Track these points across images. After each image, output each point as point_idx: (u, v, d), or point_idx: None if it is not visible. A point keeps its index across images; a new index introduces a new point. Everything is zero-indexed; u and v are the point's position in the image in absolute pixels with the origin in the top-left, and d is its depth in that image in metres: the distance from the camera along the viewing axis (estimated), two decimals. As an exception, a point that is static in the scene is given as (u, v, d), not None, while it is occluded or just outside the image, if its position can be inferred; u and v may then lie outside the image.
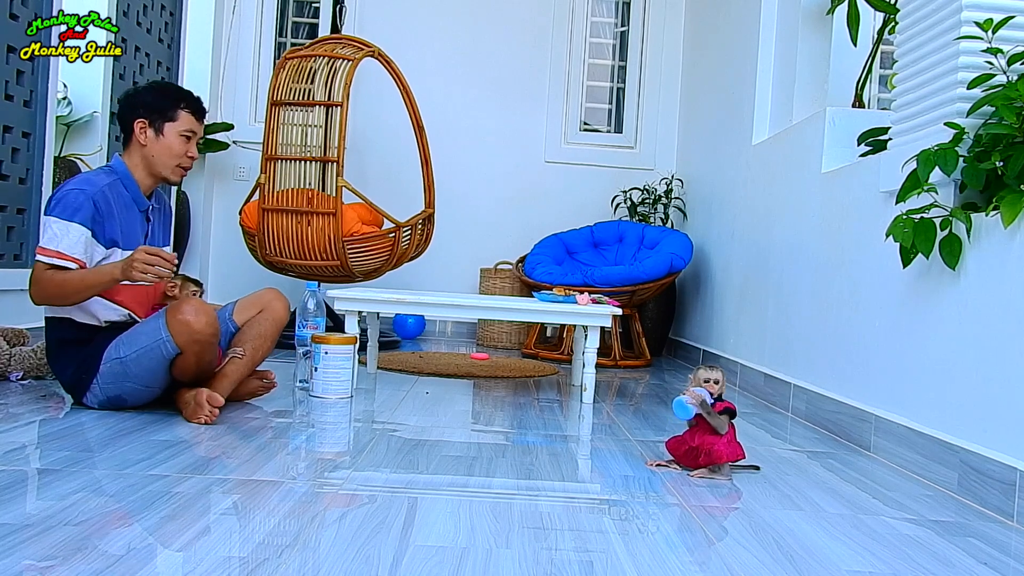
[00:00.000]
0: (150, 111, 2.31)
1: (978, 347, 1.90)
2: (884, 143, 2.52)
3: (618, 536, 1.47)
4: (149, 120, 2.31)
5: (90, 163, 3.70)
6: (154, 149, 2.32)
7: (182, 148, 2.35)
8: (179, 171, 2.38)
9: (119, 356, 2.17)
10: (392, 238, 3.86)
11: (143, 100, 2.33)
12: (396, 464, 1.89)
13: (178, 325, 2.13)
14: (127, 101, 2.36)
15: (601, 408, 2.87)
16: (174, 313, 2.14)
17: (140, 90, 2.40)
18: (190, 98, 2.38)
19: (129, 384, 2.19)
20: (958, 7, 2.04)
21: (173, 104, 2.33)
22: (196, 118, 2.38)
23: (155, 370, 2.18)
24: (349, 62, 3.78)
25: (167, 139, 2.32)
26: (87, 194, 2.20)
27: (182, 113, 2.34)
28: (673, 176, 5.02)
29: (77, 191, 2.20)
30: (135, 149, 2.34)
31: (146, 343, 2.16)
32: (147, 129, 2.31)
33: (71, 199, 2.18)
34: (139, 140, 2.32)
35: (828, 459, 2.24)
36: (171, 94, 2.37)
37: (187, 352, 2.16)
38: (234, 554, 1.25)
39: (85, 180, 2.26)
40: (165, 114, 2.32)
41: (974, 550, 1.52)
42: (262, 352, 2.43)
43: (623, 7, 5.41)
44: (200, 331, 2.13)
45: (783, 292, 3.16)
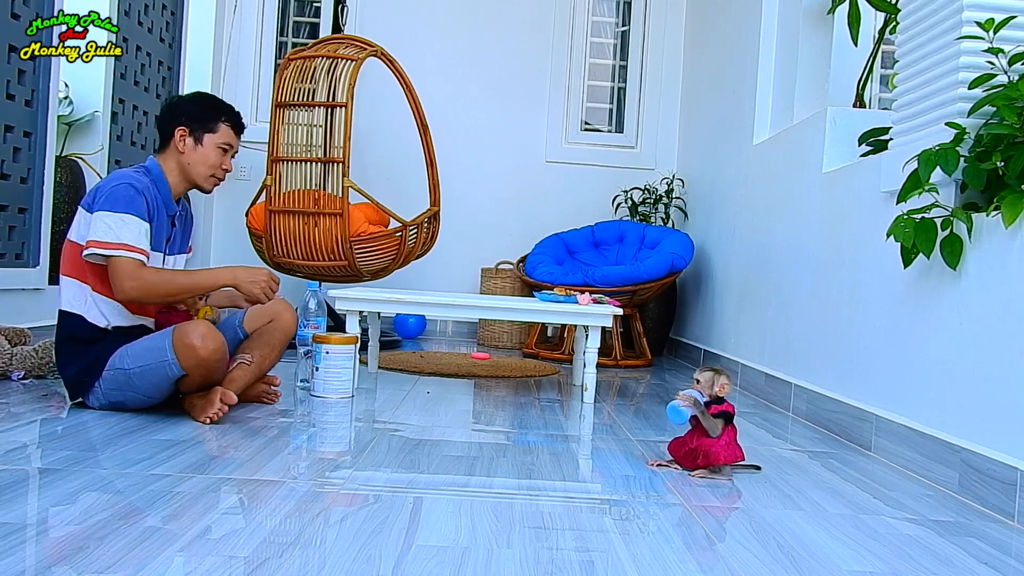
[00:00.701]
0: (192, 120, 2.35)
1: (979, 347, 1.90)
2: (885, 143, 2.52)
3: (619, 536, 1.47)
4: (190, 129, 2.35)
5: (91, 162, 3.70)
6: (191, 157, 2.35)
7: (218, 160, 2.38)
8: (212, 181, 2.41)
9: (123, 367, 2.16)
10: (399, 237, 3.86)
11: (186, 109, 2.37)
12: (397, 464, 1.89)
13: (185, 350, 2.11)
14: (171, 108, 2.39)
15: (602, 408, 2.87)
16: (182, 337, 2.12)
17: (184, 98, 2.44)
18: (231, 112, 2.42)
19: (131, 394, 2.19)
20: (959, 7, 2.04)
21: (215, 116, 2.37)
22: (235, 132, 2.42)
23: (159, 386, 2.17)
24: (352, 62, 3.78)
25: (205, 149, 2.36)
26: (136, 188, 2.20)
27: (222, 126, 2.38)
28: (674, 176, 5.02)
29: (126, 185, 2.20)
30: (172, 154, 2.36)
31: (151, 361, 2.14)
32: (187, 137, 2.34)
33: (124, 193, 2.18)
34: (177, 147, 2.34)
35: (829, 459, 2.24)
36: (214, 106, 2.40)
37: (192, 375, 2.16)
38: (236, 553, 1.25)
39: (128, 176, 2.24)
40: (206, 125, 2.36)
41: (975, 550, 1.52)
42: (269, 361, 2.45)
43: (624, 6, 5.41)
44: (206, 358, 2.12)
45: (784, 292, 3.16)
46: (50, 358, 2.65)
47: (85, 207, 2.22)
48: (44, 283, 3.33)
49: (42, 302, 3.33)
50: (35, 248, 3.28)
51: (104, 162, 3.80)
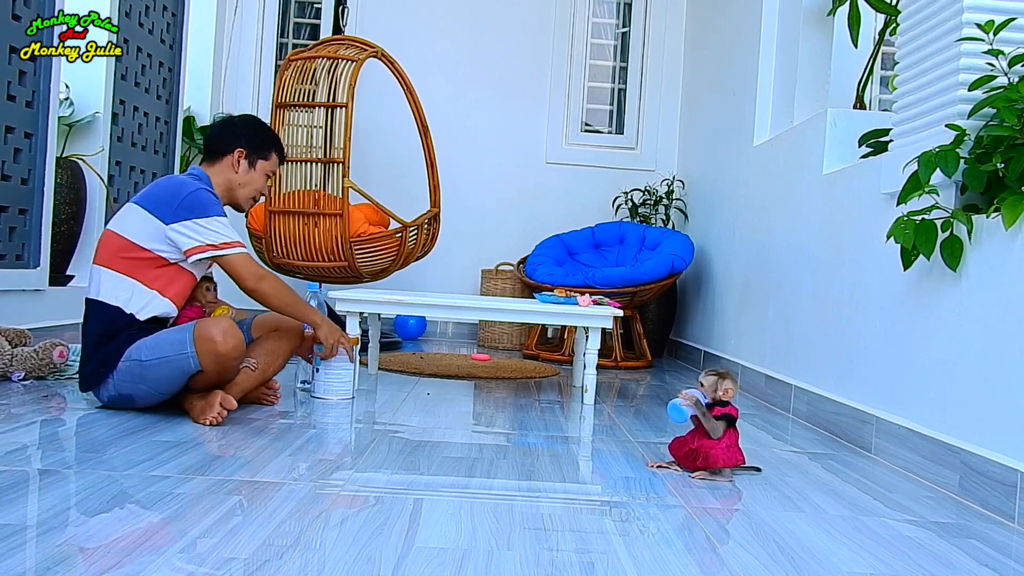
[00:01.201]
0: (251, 144, 2.47)
1: (979, 348, 1.90)
2: (885, 144, 2.52)
3: (619, 537, 1.47)
4: (247, 152, 2.46)
5: (92, 163, 3.70)
6: (243, 179, 2.47)
7: (263, 185, 2.53)
8: (251, 203, 2.55)
9: (139, 358, 2.17)
10: (399, 238, 3.86)
11: (246, 133, 2.48)
12: (398, 465, 1.89)
13: (206, 344, 2.14)
14: (231, 128, 2.49)
15: (602, 409, 2.87)
16: (203, 331, 2.15)
17: (241, 121, 2.56)
18: (279, 143, 2.59)
19: (143, 387, 2.20)
20: (959, 9, 2.04)
21: (270, 145, 2.52)
22: (280, 162, 2.60)
23: (172, 380, 2.19)
24: (353, 63, 3.78)
25: (256, 174, 2.49)
26: (208, 192, 2.32)
27: (274, 155, 2.54)
28: (674, 177, 5.02)
29: (201, 190, 2.29)
30: (222, 170, 2.44)
31: (169, 353, 2.16)
32: (243, 159, 2.46)
33: (204, 197, 2.29)
34: (233, 166, 2.44)
35: (829, 460, 2.24)
36: (270, 136, 2.54)
37: (208, 371, 2.17)
38: (236, 555, 1.25)
39: (198, 180, 2.35)
40: (262, 152, 2.49)
41: (975, 551, 1.52)
42: (273, 368, 2.47)
43: (624, 8, 5.41)
44: (226, 354, 2.16)
45: (784, 294, 3.16)
46: (50, 359, 2.65)
47: (149, 209, 2.26)
48: (45, 284, 3.33)
49: (43, 303, 3.33)
50: (35, 249, 3.27)
51: (104, 163, 3.79)
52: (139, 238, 2.25)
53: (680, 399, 1.93)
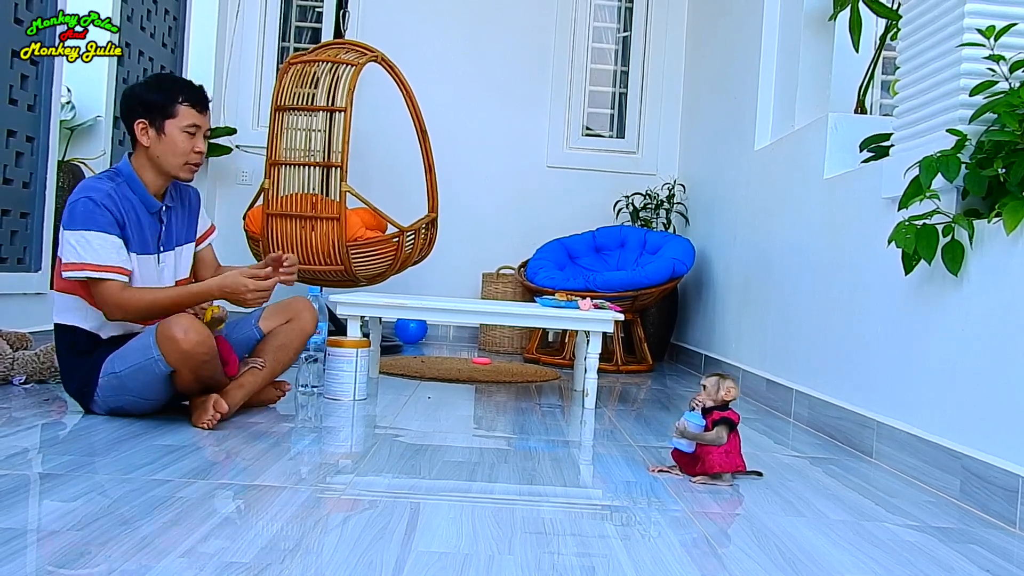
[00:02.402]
0: (149, 109, 2.19)
1: (980, 353, 1.90)
2: (886, 149, 2.52)
3: (620, 542, 1.47)
4: (149, 120, 2.19)
5: (94, 167, 3.70)
6: (157, 149, 2.20)
7: (187, 145, 2.21)
8: (188, 168, 2.25)
9: (115, 371, 2.13)
10: (396, 243, 3.86)
11: (140, 98, 2.21)
12: (398, 469, 1.89)
13: (167, 343, 2.05)
14: (125, 101, 2.25)
15: (603, 413, 2.87)
16: (163, 330, 2.06)
17: (136, 88, 2.27)
18: (189, 89, 2.23)
19: (128, 397, 2.17)
20: (960, 14, 2.05)
21: (171, 99, 2.19)
22: (198, 110, 2.23)
23: (151, 385, 2.13)
24: (353, 67, 3.79)
25: (170, 137, 2.19)
26: (94, 200, 2.11)
27: (182, 108, 2.20)
28: (675, 181, 5.02)
29: (84, 200, 2.12)
30: (140, 150, 2.23)
31: (138, 360, 2.10)
32: (148, 129, 2.20)
33: (82, 209, 2.10)
34: (141, 142, 2.21)
35: (830, 465, 2.24)
36: (168, 88, 2.22)
37: (181, 370, 2.10)
38: (237, 559, 1.25)
39: (88, 188, 2.16)
40: (165, 111, 2.19)
41: (976, 557, 1.52)
42: (282, 364, 2.41)
43: (625, 12, 5.42)
44: (189, 350, 2.05)
45: (785, 298, 3.16)
46: (51, 363, 2.64)
47: (62, 224, 2.16)
48: (46, 288, 3.33)
49: (44, 307, 3.33)
50: (37, 253, 3.28)
51: (106, 166, 3.80)
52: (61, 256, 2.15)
53: (673, 435, 1.96)
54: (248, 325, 2.43)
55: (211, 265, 2.53)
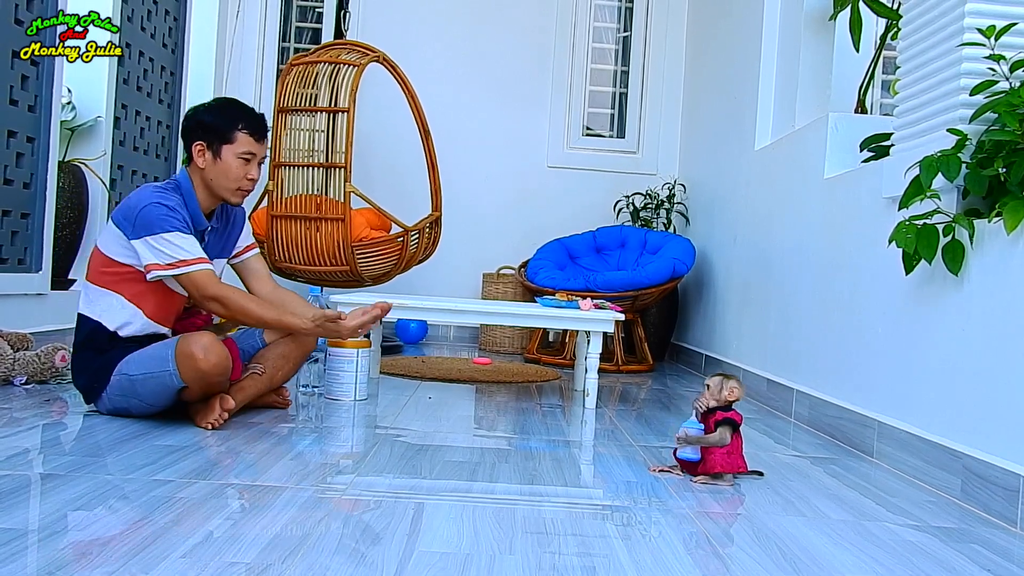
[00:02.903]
0: (208, 132, 2.25)
1: (981, 353, 1.90)
2: (886, 149, 2.52)
3: (621, 542, 1.47)
4: (207, 143, 2.25)
5: (94, 168, 3.70)
6: (212, 172, 2.26)
7: (241, 171, 2.27)
8: (239, 194, 2.31)
9: (128, 373, 2.15)
10: (400, 242, 3.87)
11: (201, 120, 2.28)
12: (399, 469, 1.89)
13: (185, 360, 2.08)
14: (188, 121, 2.31)
15: (603, 413, 2.87)
16: (184, 347, 2.09)
17: (200, 109, 2.33)
18: (249, 117, 2.30)
19: (135, 400, 2.18)
20: (960, 14, 2.05)
21: (231, 125, 2.26)
22: (255, 139, 2.29)
23: (160, 394, 2.15)
24: (355, 67, 3.79)
25: (225, 162, 2.25)
26: (167, 207, 2.16)
27: (240, 134, 2.26)
28: (675, 181, 5.02)
29: (156, 205, 2.15)
30: (195, 169, 2.28)
31: (153, 369, 2.12)
32: (205, 152, 2.25)
33: (157, 213, 2.14)
34: (197, 163, 2.26)
35: (831, 465, 2.24)
36: (230, 114, 2.28)
37: (192, 387, 2.13)
38: (238, 559, 1.25)
39: (158, 195, 2.19)
40: (223, 136, 2.25)
41: (977, 556, 1.52)
42: (282, 373, 2.43)
43: (625, 12, 5.42)
44: (207, 371, 2.09)
45: (785, 297, 3.16)
46: (52, 363, 2.65)
47: (117, 223, 2.18)
48: (47, 288, 3.34)
49: (44, 307, 3.33)
50: (37, 253, 3.28)
51: (107, 167, 3.80)
52: (114, 252, 2.19)
53: (677, 448, 1.97)
54: (253, 336, 2.46)
55: (263, 276, 2.50)
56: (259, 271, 2.51)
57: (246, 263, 2.50)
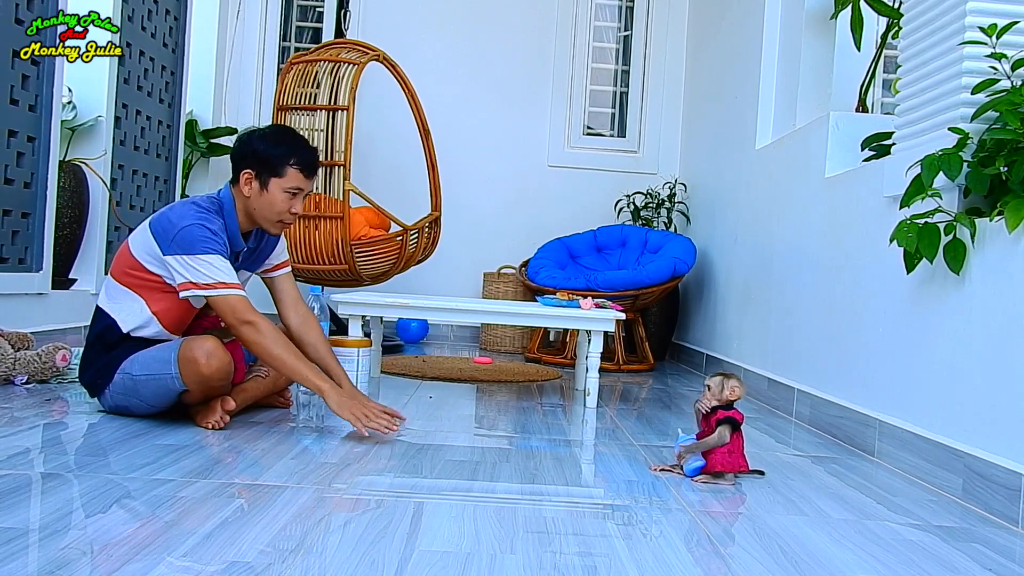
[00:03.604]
0: (259, 162, 2.21)
1: (983, 352, 1.90)
2: (888, 148, 2.52)
3: (622, 541, 1.47)
4: (256, 171, 2.21)
5: (95, 167, 3.70)
6: (256, 202, 2.22)
7: (285, 205, 2.23)
8: (279, 226, 2.28)
9: (131, 372, 2.15)
10: (399, 241, 3.86)
11: (254, 148, 2.22)
12: (400, 468, 1.89)
13: (188, 365, 2.08)
14: (241, 143, 2.26)
15: (604, 412, 2.87)
16: (187, 351, 2.09)
17: (255, 135, 2.27)
18: (303, 152, 2.24)
19: (136, 400, 2.18)
20: (962, 12, 2.04)
21: (284, 159, 2.21)
22: (305, 175, 2.24)
23: (161, 396, 2.15)
24: (355, 66, 3.79)
25: (271, 195, 2.21)
26: (212, 231, 2.14)
27: (291, 170, 2.21)
28: (676, 180, 5.02)
29: (200, 227, 2.13)
30: (239, 194, 2.24)
31: (156, 371, 2.12)
32: (253, 181, 2.21)
33: (197, 235, 2.12)
34: (243, 190, 2.22)
35: (832, 464, 2.24)
36: (284, 147, 2.22)
37: (193, 391, 2.13)
38: (239, 559, 1.25)
39: (203, 217, 2.16)
40: (274, 169, 2.20)
41: (979, 556, 1.52)
42: (284, 379, 2.41)
43: (626, 11, 5.41)
44: (209, 376, 2.09)
45: (786, 297, 3.16)
46: (53, 363, 2.65)
47: (154, 233, 2.15)
48: (47, 288, 3.33)
49: (45, 307, 3.33)
50: (38, 253, 3.28)
51: (107, 167, 3.80)
52: (144, 259, 2.18)
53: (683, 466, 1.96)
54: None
55: (292, 299, 2.44)
56: (288, 292, 2.44)
57: (276, 281, 2.46)
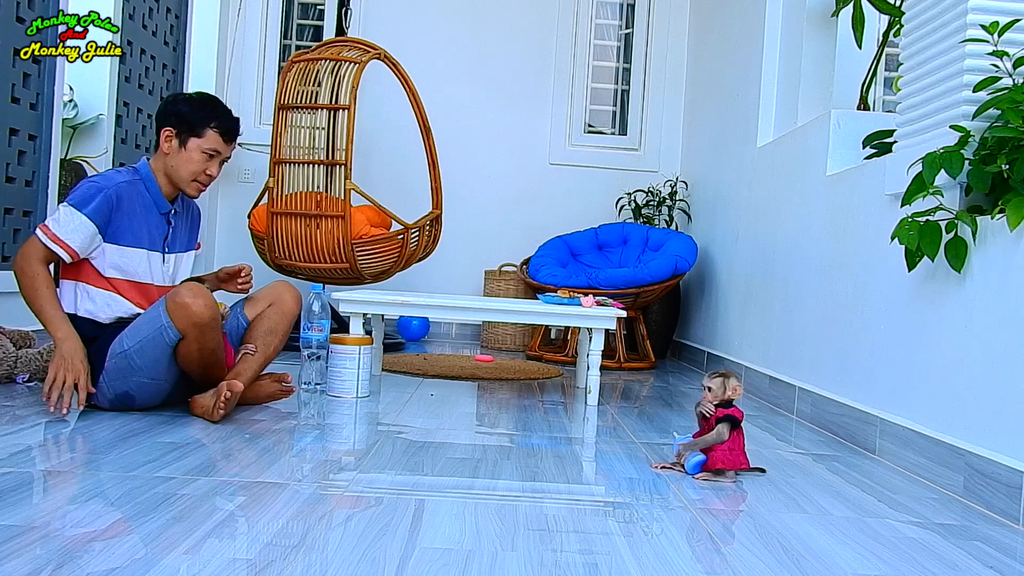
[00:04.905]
0: (181, 121, 2.32)
1: (984, 350, 1.89)
2: (889, 146, 2.51)
3: (623, 538, 1.47)
4: (177, 130, 2.32)
5: (96, 165, 3.71)
6: (174, 160, 2.33)
7: (201, 166, 2.34)
8: (195, 186, 2.37)
9: (123, 349, 2.18)
10: (401, 240, 3.86)
11: (178, 109, 2.33)
12: (401, 466, 1.89)
13: (176, 308, 2.13)
14: (164, 105, 2.37)
15: (605, 410, 2.87)
16: (172, 297, 2.16)
17: (180, 98, 2.38)
18: (224, 118, 2.35)
19: (135, 379, 2.20)
20: (963, 10, 2.04)
21: (205, 120, 2.32)
22: (224, 140, 2.36)
23: (159, 359, 2.18)
24: (356, 65, 3.79)
25: (188, 153, 2.32)
26: (100, 187, 2.23)
27: (210, 132, 2.32)
28: (677, 178, 5.02)
29: (92, 184, 2.25)
30: (159, 155, 2.35)
31: (148, 332, 2.17)
32: (172, 139, 2.32)
33: (84, 191, 2.23)
34: (163, 148, 2.33)
35: (833, 462, 2.24)
36: (206, 110, 2.34)
37: (188, 337, 2.16)
38: (240, 556, 1.25)
39: (104, 176, 2.30)
40: (194, 128, 2.31)
41: (980, 553, 1.52)
42: (273, 347, 2.45)
43: (627, 9, 5.41)
44: (198, 312, 2.13)
45: (788, 294, 3.16)
46: (55, 360, 2.65)
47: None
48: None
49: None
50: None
51: (108, 165, 3.80)
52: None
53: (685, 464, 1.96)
54: (233, 313, 2.50)
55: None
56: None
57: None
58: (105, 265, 2.26)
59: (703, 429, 1.96)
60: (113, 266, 2.27)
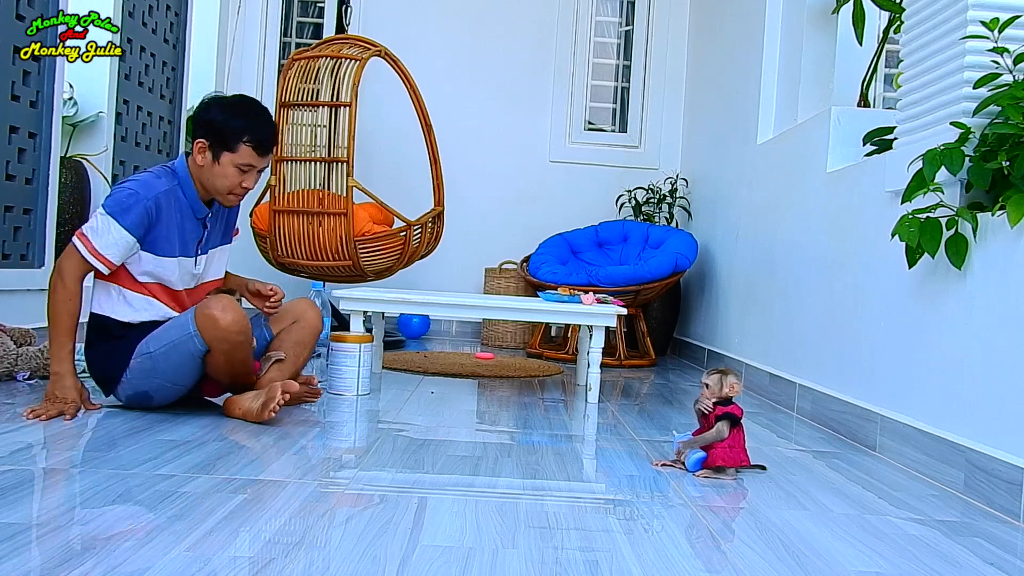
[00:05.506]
0: (213, 133, 2.22)
1: (984, 347, 1.89)
2: (889, 143, 2.51)
3: (623, 536, 1.47)
4: (209, 143, 2.23)
5: (96, 163, 3.70)
6: (208, 173, 2.25)
7: (236, 179, 2.25)
8: (231, 198, 2.31)
9: (149, 351, 2.17)
10: (403, 237, 3.86)
11: (211, 117, 2.23)
12: (402, 464, 1.89)
13: (205, 320, 2.12)
14: (200, 110, 2.27)
15: (606, 408, 2.87)
16: (203, 308, 2.14)
17: (214, 103, 2.27)
18: (257, 130, 2.25)
19: (157, 380, 2.20)
20: (964, 6, 2.04)
21: (237, 135, 2.21)
22: (259, 153, 2.25)
23: (183, 366, 2.17)
24: (356, 62, 3.79)
25: (222, 168, 2.23)
26: (139, 197, 2.16)
27: (243, 147, 2.22)
28: (678, 175, 5.01)
29: (131, 192, 2.17)
30: (194, 164, 2.27)
31: (175, 338, 2.16)
32: (206, 151, 2.23)
33: (123, 198, 2.16)
34: (196, 159, 2.25)
35: (833, 459, 2.24)
36: (240, 121, 2.23)
37: (215, 350, 2.15)
38: (241, 554, 1.25)
39: (143, 183, 2.20)
40: (227, 143, 2.22)
41: (980, 550, 1.52)
42: (303, 358, 2.46)
43: (627, 6, 5.40)
44: (226, 328, 2.12)
45: (788, 292, 3.16)
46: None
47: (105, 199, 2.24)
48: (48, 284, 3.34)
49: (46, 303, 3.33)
50: (40, 249, 3.28)
51: (108, 163, 3.80)
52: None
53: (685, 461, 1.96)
54: (257, 326, 2.47)
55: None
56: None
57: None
58: (139, 271, 2.23)
59: (702, 427, 1.96)
60: (146, 272, 2.24)
